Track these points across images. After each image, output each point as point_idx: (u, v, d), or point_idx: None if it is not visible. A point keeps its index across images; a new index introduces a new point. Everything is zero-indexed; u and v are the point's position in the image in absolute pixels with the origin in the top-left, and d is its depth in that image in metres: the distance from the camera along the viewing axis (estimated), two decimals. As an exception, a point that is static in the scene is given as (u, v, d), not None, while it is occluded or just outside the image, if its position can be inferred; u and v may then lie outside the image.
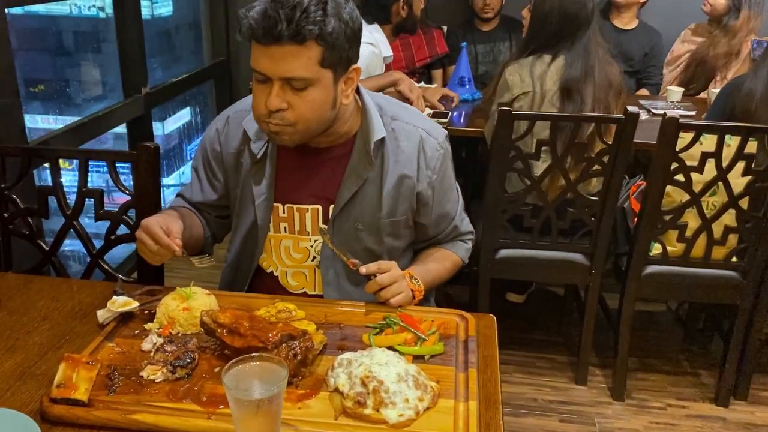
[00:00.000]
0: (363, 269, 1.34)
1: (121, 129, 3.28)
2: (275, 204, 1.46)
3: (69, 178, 2.29)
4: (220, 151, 1.49)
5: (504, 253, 2.40)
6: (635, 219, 2.33)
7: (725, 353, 2.40)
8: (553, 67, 2.32)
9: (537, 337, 2.86)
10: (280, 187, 1.45)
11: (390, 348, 1.17)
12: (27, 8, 3.10)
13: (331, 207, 1.44)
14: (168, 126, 4.13)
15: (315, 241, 1.47)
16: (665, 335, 2.91)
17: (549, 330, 2.93)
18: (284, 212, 1.46)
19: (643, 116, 2.86)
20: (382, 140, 1.41)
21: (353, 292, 1.45)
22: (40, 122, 3.38)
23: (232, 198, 1.52)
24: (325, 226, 1.44)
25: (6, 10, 2.07)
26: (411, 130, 1.45)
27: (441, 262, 1.56)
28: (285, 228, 1.47)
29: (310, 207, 1.45)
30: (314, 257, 1.48)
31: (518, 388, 2.54)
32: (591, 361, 2.59)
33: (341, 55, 1.26)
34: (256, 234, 1.48)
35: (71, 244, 1.72)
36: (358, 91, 1.42)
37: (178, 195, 1.60)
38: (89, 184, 1.66)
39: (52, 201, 1.68)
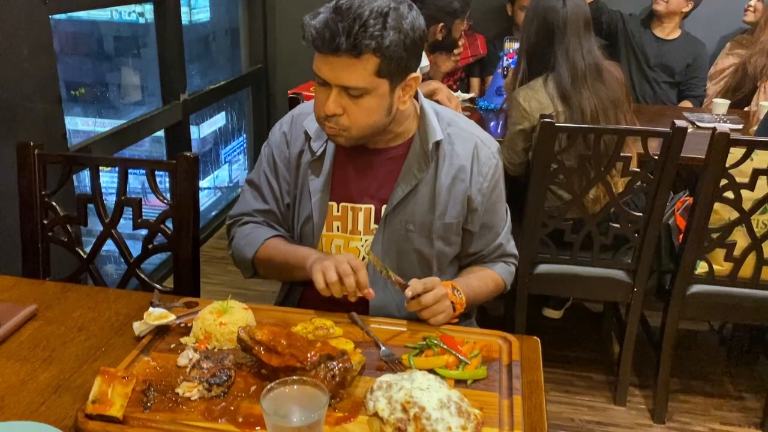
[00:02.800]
0: (409, 292, 1.30)
1: (159, 132, 3.30)
2: (330, 202, 1.47)
3: (105, 179, 2.31)
4: (287, 153, 1.51)
5: (542, 268, 2.34)
6: (680, 236, 2.26)
7: (773, 377, 2.31)
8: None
9: (574, 354, 2.79)
10: (336, 185, 1.47)
11: (431, 371, 1.14)
12: (69, 14, 3.15)
13: (384, 206, 1.44)
14: (203, 130, 4.16)
15: (366, 240, 1.48)
16: (708, 355, 2.81)
17: (587, 347, 2.85)
18: (338, 211, 1.48)
19: (688, 129, 2.77)
20: (438, 143, 1.43)
21: (400, 295, 1.42)
22: (80, 125, 3.42)
23: (291, 198, 1.54)
24: (376, 226, 1.46)
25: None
26: (467, 136, 1.47)
27: (484, 280, 1.54)
28: (338, 227, 1.49)
29: (363, 206, 1.47)
30: (364, 257, 1.48)
31: (555, 407, 2.47)
32: (631, 381, 2.51)
33: (399, 64, 1.28)
34: (311, 231, 1.49)
35: (107, 245, 1.72)
36: (415, 95, 1.44)
37: (240, 215, 1.58)
38: (127, 185, 1.66)
39: (90, 207, 1.69)
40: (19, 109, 1.95)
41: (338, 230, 1.49)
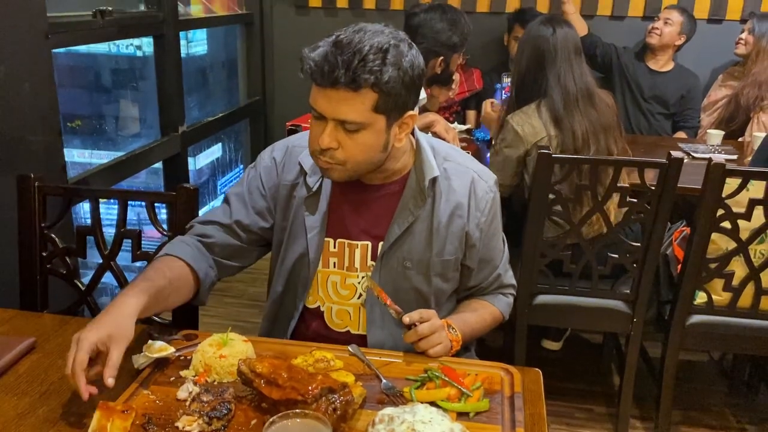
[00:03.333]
0: (406, 318, 1.31)
1: (158, 164, 3.31)
2: (327, 239, 1.45)
3: (102, 210, 2.31)
4: (277, 181, 1.48)
5: (542, 299, 2.34)
6: (678, 266, 2.26)
7: (774, 408, 2.30)
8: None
9: (574, 386, 2.77)
10: (333, 221, 1.45)
11: (432, 403, 1.13)
12: (67, 47, 3.19)
13: (381, 244, 1.43)
14: (200, 161, 4.17)
15: (362, 277, 1.46)
16: (709, 387, 2.79)
17: (587, 379, 2.83)
18: (335, 247, 1.46)
19: (684, 159, 2.80)
20: (435, 179, 1.42)
21: (397, 333, 1.41)
22: (76, 156, 3.43)
23: (277, 231, 1.51)
24: (373, 263, 1.43)
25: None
26: (463, 171, 1.46)
27: (481, 314, 1.53)
28: (335, 263, 1.46)
29: (359, 243, 1.45)
30: (360, 294, 1.46)
31: (556, 439, 2.45)
32: (632, 413, 2.48)
33: (397, 101, 1.27)
34: (305, 268, 1.47)
35: (105, 278, 1.71)
36: (411, 131, 1.43)
37: (201, 223, 1.51)
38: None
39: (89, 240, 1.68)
40: (20, 142, 1.96)
41: (335, 266, 1.47)
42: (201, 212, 1.64)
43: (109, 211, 1.76)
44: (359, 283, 1.46)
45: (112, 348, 1.12)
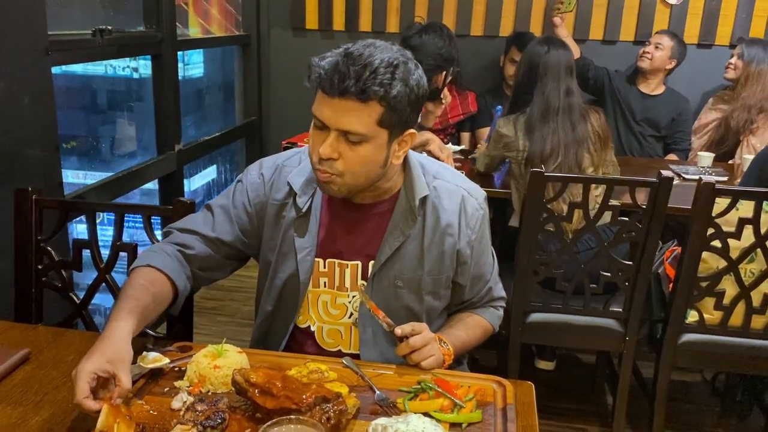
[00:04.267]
0: (398, 330, 1.32)
1: (152, 186, 3.33)
2: (317, 259, 1.45)
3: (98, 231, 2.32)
4: (264, 198, 1.47)
5: (535, 317, 2.35)
6: (670, 285, 2.28)
7: (766, 428, 2.30)
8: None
9: (568, 406, 2.77)
10: (323, 241, 1.45)
11: (426, 414, 1.13)
12: (65, 68, 3.22)
13: (371, 263, 1.43)
14: (194, 183, 4.20)
15: (353, 297, 1.46)
16: (701, 407, 2.80)
17: (580, 399, 2.83)
18: (325, 267, 1.46)
19: (674, 181, 2.83)
20: (425, 198, 1.42)
21: (389, 352, 1.42)
22: (70, 177, 3.45)
23: (264, 250, 1.49)
24: (364, 282, 1.43)
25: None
26: (453, 189, 1.46)
27: (472, 328, 1.54)
28: (325, 283, 1.46)
29: (350, 263, 1.45)
30: (351, 314, 1.46)
31: (549, 459, 2.44)
32: (625, 433, 2.49)
33: (401, 117, 1.28)
34: (295, 288, 1.46)
35: (97, 297, 1.72)
36: None
37: (181, 230, 1.47)
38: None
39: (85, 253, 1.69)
40: (18, 156, 1.98)
41: (325, 286, 1.46)
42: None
43: (102, 231, 1.76)
44: (350, 302, 1.46)
45: (119, 372, 1.11)
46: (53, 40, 2.15)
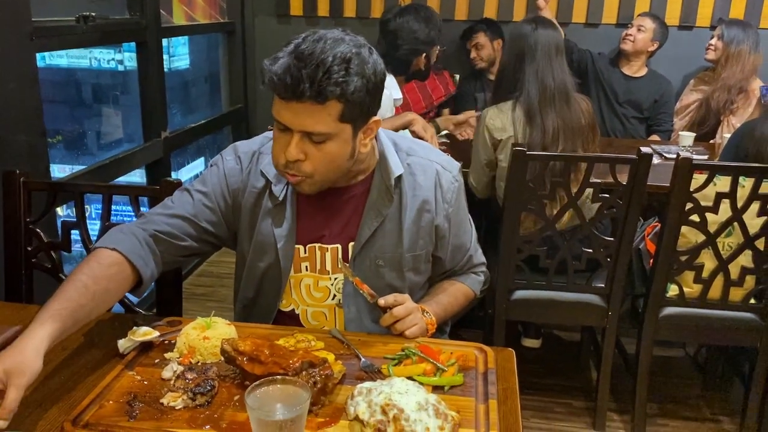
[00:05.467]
0: (381, 301, 1.36)
1: (140, 178, 3.34)
2: (297, 246, 1.45)
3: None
4: (242, 184, 1.45)
5: (519, 294, 2.39)
6: (651, 261, 2.33)
7: (746, 399, 2.35)
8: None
9: (553, 382, 2.82)
10: (302, 228, 1.45)
11: (409, 378, 1.17)
12: (49, 61, 3.22)
13: (351, 245, 1.45)
14: (183, 175, 4.20)
15: (335, 279, 1.47)
16: (684, 381, 2.86)
17: (566, 375, 2.88)
18: (306, 252, 1.46)
19: (656, 160, 2.89)
20: (400, 176, 1.43)
21: (374, 329, 1.44)
22: (57, 171, 3.45)
23: (242, 238, 1.48)
24: (345, 264, 1.44)
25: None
26: (427, 165, 1.47)
27: (453, 295, 1.56)
28: (306, 267, 1.47)
29: (330, 246, 1.46)
30: (334, 296, 1.48)
31: (535, 433, 2.50)
32: (609, 407, 2.54)
33: (362, 109, 1.27)
34: (277, 275, 1.47)
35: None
36: None
37: (161, 215, 1.42)
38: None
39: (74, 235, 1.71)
40: (5, 141, 1.99)
41: (307, 270, 1.47)
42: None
43: (92, 225, 1.76)
44: (332, 285, 1.48)
45: (9, 387, 1.02)
46: (37, 26, 2.16)
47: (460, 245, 1.57)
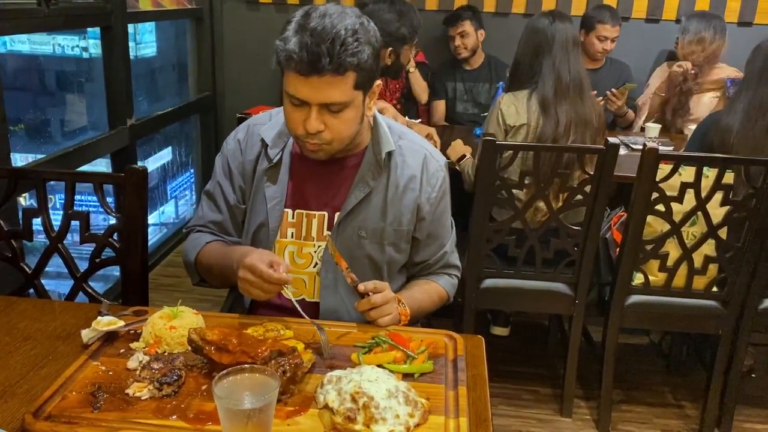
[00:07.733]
0: (361, 286, 1.36)
1: (105, 168, 3.27)
2: (285, 209, 1.51)
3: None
4: (242, 159, 1.54)
5: (488, 282, 2.41)
6: (617, 249, 2.36)
7: (708, 384, 2.41)
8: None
9: (522, 369, 2.85)
10: (292, 192, 1.51)
11: (379, 366, 1.17)
12: (10, 47, 3.13)
13: (337, 214, 1.49)
14: (150, 165, 4.12)
15: (318, 246, 1.51)
16: (649, 367, 2.92)
17: (534, 363, 2.92)
18: (293, 217, 1.51)
19: (623, 151, 2.93)
20: (390, 154, 1.49)
21: (350, 299, 1.46)
22: (19, 161, 3.36)
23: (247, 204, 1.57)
24: (329, 233, 1.48)
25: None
26: (416, 149, 1.54)
27: (428, 293, 1.60)
28: (292, 233, 1.52)
29: (317, 213, 1.50)
30: (316, 264, 1.51)
31: (504, 420, 2.52)
32: (576, 393, 2.58)
33: (370, 75, 1.35)
34: (265, 237, 1.52)
35: (53, 264, 1.70)
36: None
37: (200, 230, 1.60)
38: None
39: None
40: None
41: (292, 236, 1.52)
42: (149, 218, 1.65)
43: (54, 216, 1.73)
44: (315, 251, 1.51)
45: (274, 258, 1.31)
46: (-4, 8, 2.09)
47: (437, 236, 1.59)
